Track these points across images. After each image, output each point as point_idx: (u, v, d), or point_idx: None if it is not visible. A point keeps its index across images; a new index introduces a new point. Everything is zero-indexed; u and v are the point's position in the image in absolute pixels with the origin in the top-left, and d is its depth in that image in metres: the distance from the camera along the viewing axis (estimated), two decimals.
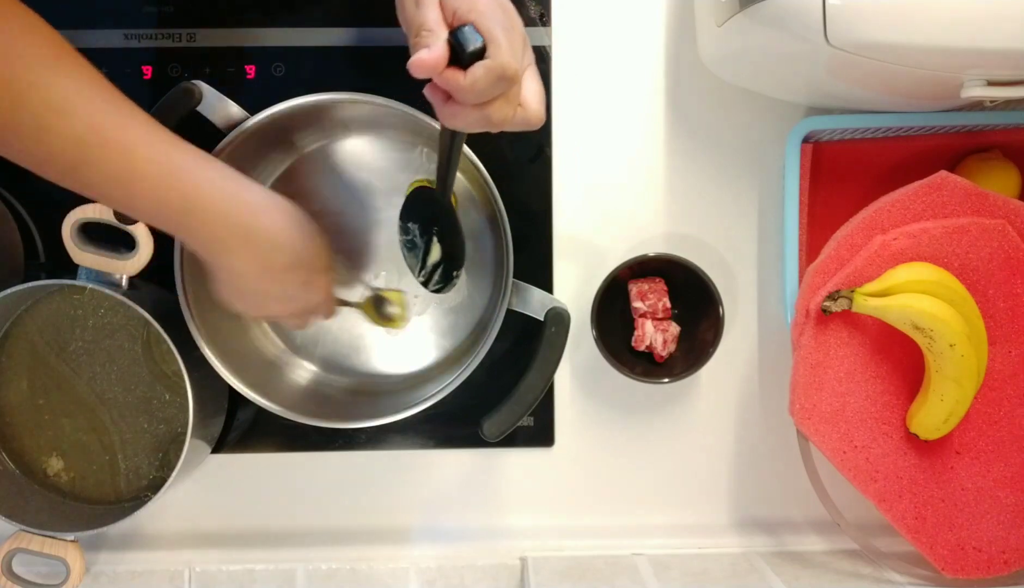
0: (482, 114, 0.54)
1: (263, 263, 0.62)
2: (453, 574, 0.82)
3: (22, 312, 0.77)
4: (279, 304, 0.66)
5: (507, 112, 0.55)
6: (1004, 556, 0.75)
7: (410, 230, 0.74)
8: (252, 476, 0.83)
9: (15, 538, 0.74)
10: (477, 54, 0.52)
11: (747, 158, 0.82)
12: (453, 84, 0.52)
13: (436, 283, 0.74)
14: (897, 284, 0.72)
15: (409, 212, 0.74)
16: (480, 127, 0.56)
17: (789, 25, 0.62)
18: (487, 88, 0.53)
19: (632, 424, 0.83)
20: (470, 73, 0.52)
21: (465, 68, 0.52)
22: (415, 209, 0.74)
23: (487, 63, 0.52)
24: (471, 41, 0.51)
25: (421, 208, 0.73)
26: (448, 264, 0.73)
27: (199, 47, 0.80)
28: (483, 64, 0.52)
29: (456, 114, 0.55)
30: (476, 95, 0.53)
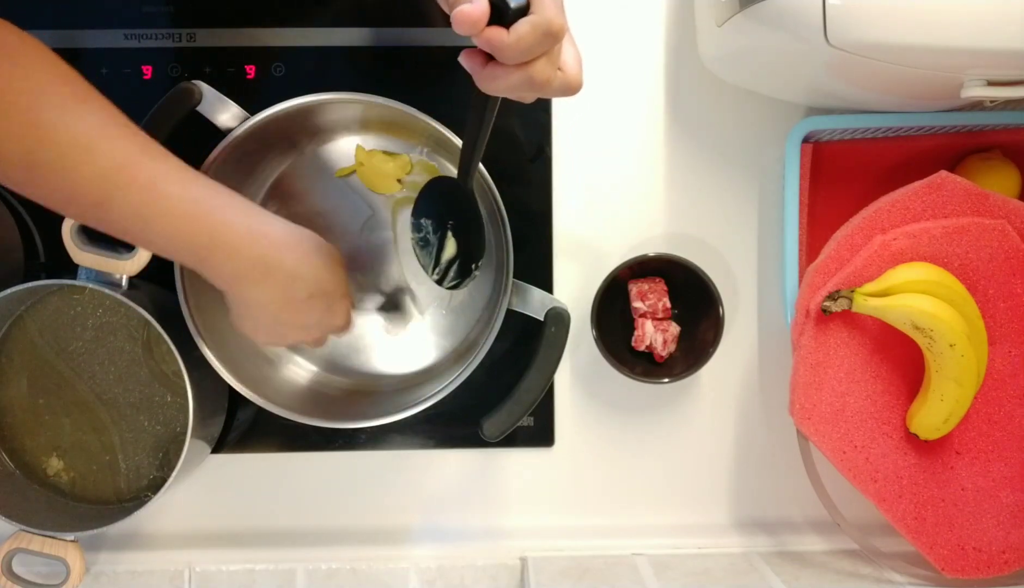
0: (525, 74, 0.52)
1: (285, 295, 0.63)
2: (453, 574, 0.82)
3: (22, 312, 0.77)
4: (299, 332, 0.67)
5: (550, 72, 0.53)
6: (1004, 556, 0.75)
7: (423, 227, 0.72)
8: (252, 476, 0.83)
9: (15, 538, 0.74)
10: (521, 11, 0.50)
11: (747, 158, 0.82)
12: (497, 42, 0.50)
13: (452, 279, 0.72)
14: (897, 284, 0.72)
15: (422, 208, 0.72)
16: (522, 90, 0.54)
17: (789, 25, 0.62)
18: (533, 45, 0.51)
19: (632, 424, 0.83)
20: (515, 29, 0.50)
21: (508, 26, 0.50)
22: (428, 204, 0.72)
23: (533, 18, 0.50)
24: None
25: (435, 202, 0.71)
26: (464, 258, 0.71)
27: (199, 47, 0.80)
28: (529, 19, 0.50)
29: (497, 76, 0.53)
30: (520, 53, 0.51)
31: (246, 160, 0.75)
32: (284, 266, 0.62)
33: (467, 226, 0.70)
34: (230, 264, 0.60)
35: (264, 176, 0.79)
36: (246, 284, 0.62)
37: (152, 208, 0.56)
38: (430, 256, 0.72)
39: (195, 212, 0.58)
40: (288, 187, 0.80)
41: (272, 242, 0.62)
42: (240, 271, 0.61)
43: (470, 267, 0.71)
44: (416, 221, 0.72)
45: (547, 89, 0.54)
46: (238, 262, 0.60)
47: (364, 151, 0.79)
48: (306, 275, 0.63)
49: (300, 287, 0.63)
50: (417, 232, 0.72)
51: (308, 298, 0.64)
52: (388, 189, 0.79)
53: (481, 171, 0.71)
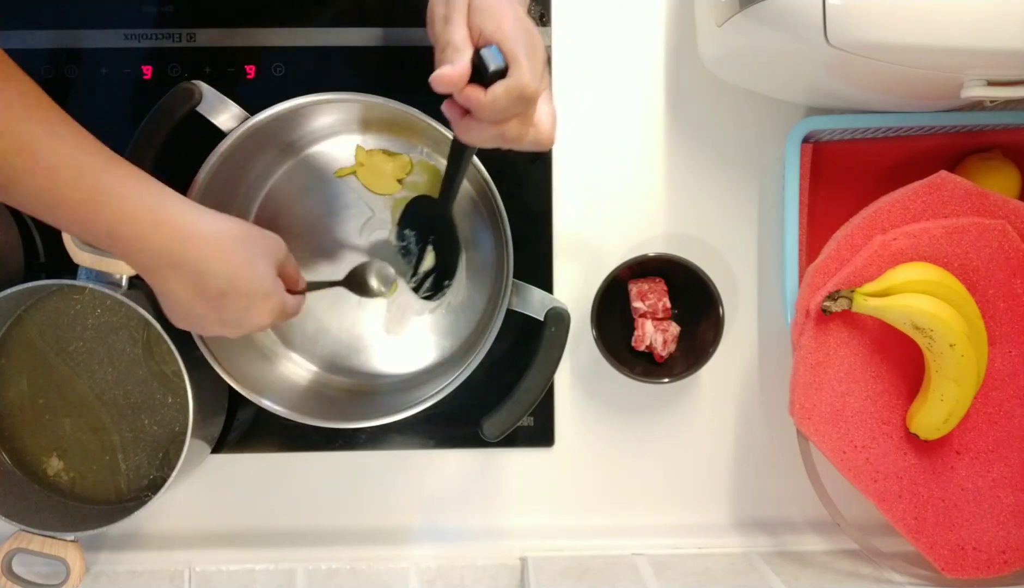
0: (497, 131, 0.56)
1: (195, 288, 0.60)
2: (453, 574, 0.82)
3: (22, 312, 0.77)
4: (220, 327, 0.64)
5: (521, 131, 0.57)
6: (1004, 556, 0.75)
7: (406, 237, 0.77)
8: (252, 476, 0.83)
9: (15, 538, 0.74)
10: (499, 73, 0.53)
11: (747, 158, 0.82)
12: (473, 101, 0.54)
13: (426, 290, 0.77)
14: (897, 284, 0.72)
15: (407, 219, 0.76)
16: (494, 143, 0.57)
17: (789, 25, 0.62)
18: (506, 107, 0.54)
19: (632, 424, 0.83)
20: (491, 91, 0.54)
21: (486, 86, 0.54)
22: (414, 217, 0.76)
23: (508, 83, 0.54)
24: (494, 61, 0.53)
25: (420, 216, 0.76)
26: (440, 274, 0.76)
27: (199, 47, 0.80)
28: (504, 83, 0.54)
29: (471, 129, 0.56)
30: (495, 114, 0.55)
31: (246, 160, 0.75)
32: (189, 261, 0.59)
33: (446, 245, 0.76)
34: (136, 257, 0.59)
35: (264, 176, 0.79)
36: (155, 276, 0.60)
37: (53, 194, 0.55)
38: (410, 265, 0.77)
39: (94, 201, 0.56)
40: (288, 187, 0.80)
41: (180, 235, 0.59)
42: (147, 263, 0.59)
43: (443, 283, 0.77)
44: (400, 231, 0.77)
45: (518, 145, 0.58)
46: (143, 256, 0.59)
47: (364, 151, 0.79)
48: (216, 272, 0.60)
49: (210, 284, 0.60)
50: (400, 241, 0.77)
51: (221, 295, 0.61)
52: (388, 189, 0.79)
53: (481, 171, 0.71)
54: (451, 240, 0.75)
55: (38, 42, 0.79)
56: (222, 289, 0.61)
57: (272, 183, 0.80)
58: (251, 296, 0.62)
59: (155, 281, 0.61)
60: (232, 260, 0.61)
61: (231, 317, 0.63)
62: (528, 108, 0.56)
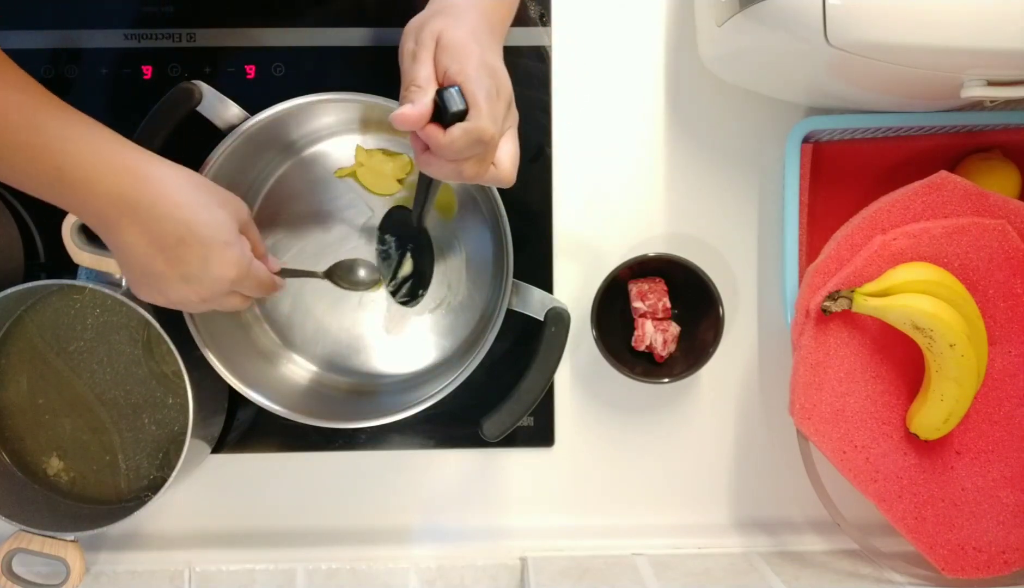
0: (455, 168, 0.57)
1: (151, 237, 0.58)
2: (453, 574, 0.82)
3: (22, 312, 0.77)
4: (183, 286, 0.60)
5: (479, 170, 0.58)
6: (1004, 556, 0.75)
7: (387, 241, 0.78)
8: (252, 476, 0.83)
9: (15, 538, 0.74)
10: (459, 115, 0.55)
11: (747, 158, 0.82)
12: (433, 140, 0.55)
13: (403, 296, 0.79)
14: (897, 284, 0.72)
15: (388, 225, 0.78)
16: (452, 179, 0.58)
17: (789, 25, 0.62)
18: (463, 148, 0.55)
19: (632, 424, 0.83)
20: (449, 133, 0.55)
21: (446, 127, 0.55)
22: (394, 224, 0.78)
23: (466, 126, 0.55)
24: (454, 103, 0.54)
25: (400, 224, 0.78)
26: (416, 281, 0.78)
27: (199, 47, 0.80)
28: (463, 126, 0.55)
29: (431, 164, 0.57)
30: (453, 153, 0.56)
31: (246, 160, 0.75)
32: (145, 203, 0.57)
33: (423, 255, 0.78)
34: (87, 203, 0.57)
35: (264, 176, 0.79)
36: (110, 226, 0.57)
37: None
38: (388, 269, 0.78)
39: (38, 143, 0.54)
40: (288, 187, 0.80)
41: (134, 177, 0.57)
42: (100, 210, 0.57)
43: (418, 291, 0.79)
44: (381, 235, 0.79)
45: (477, 181, 0.59)
46: (94, 201, 0.56)
47: (364, 151, 0.79)
48: (173, 215, 0.58)
49: (168, 229, 0.58)
50: (381, 245, 0.78)
51: (178, 243, 0.58)
52: (388, 190, 0.79)
53: None
54: (427, 251, 0.78)
55: (38, 42, 0.79)
56: (180, 235, 0.58)
57: (272, 183, 0.80)
58: (210, 243, 0.60)
59: (109, 233, 0.58)
60: (188, 203, 0.59)
61: (192, 270, 0.60)
62: (485, 150, 0.57)
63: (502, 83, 0.57)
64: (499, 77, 0.57)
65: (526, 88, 0.81)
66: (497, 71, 0.57)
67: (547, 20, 0.81)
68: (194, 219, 0.59)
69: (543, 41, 0.81)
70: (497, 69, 0.57)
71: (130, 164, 0.58)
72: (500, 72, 0.58)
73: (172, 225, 0.58)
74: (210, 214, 0.60)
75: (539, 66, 0.81)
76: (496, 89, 0.56)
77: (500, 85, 0.57)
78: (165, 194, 0.58)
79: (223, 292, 0.63)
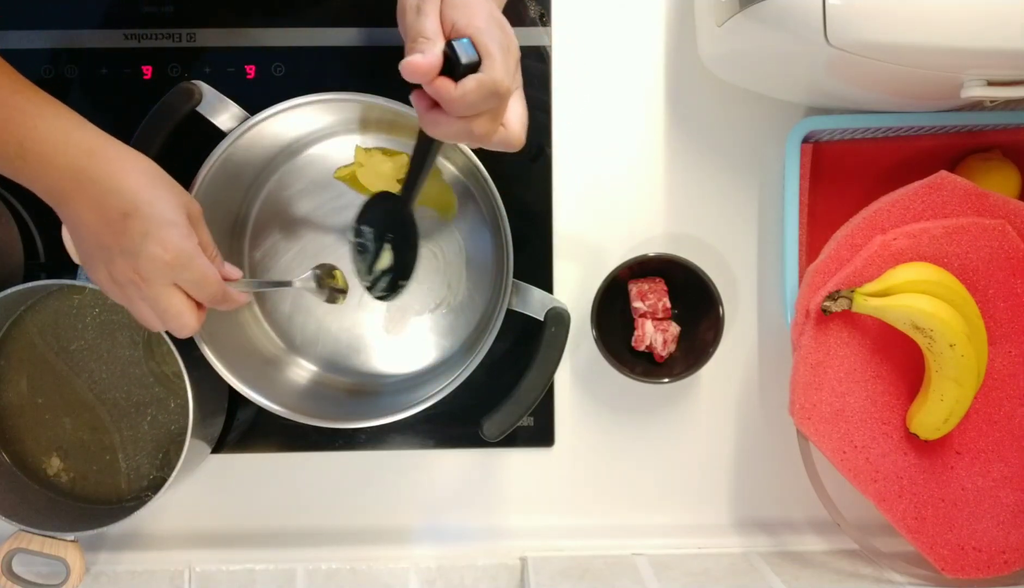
0: (465, 126, 0.55)
1: (99, 209, 0.59)
2: (453, 574, 0.82)
3: (22, 312, 0.77)
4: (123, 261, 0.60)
5: (490, 128, 0.56)
6: (1004, 556, 0.75)
7: (363, 233, 0.73)
8: (252, 476, 0.83)
9: (15, 538, 0.74)
10: (471, 67, 0.52)
11: (747, 158, 0.82)
12: (444, 93, 0.53)
13: (381, 290, 0.74)
14: (897, 284, 0.72)
15: (365, 217, 0.73)
16: (461, 139, 0.57)
17: (789, 25, 0.62)
18: (477, 102, 0.53)
19: (632, 424, 0.83)
20: (462, 85, 0.53)
21: (457, 80, 0.52)
22: (373, 214, 0.73)
23: (480, 77, 0.53)
24: (467, 53, 0.52)
25: (379, 214, 0.72)
26: (396, 273, 0.73)
27: (199, 47, 0.80)
28: (476, 77, 0.53)
29: (439, 123, 0.56)
30: (465, 108, 0.54)
31: (246, 160, 0.75)
32: (94, 177, 0.58)
33: (404, 243, 0.72)
34: (45, 177, 0.58)
35: (264, 176, 0.79)
36: (62, 199, 0.59)
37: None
38: (365, 263, 0.73)
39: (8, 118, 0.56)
40: (287, 187, 0.80)
41: (88, 152, 0.58)
42: (54, 184, 0.58)
43: (398, 283, 0.73)
44: (357, 227, 0.73)
45: (486, 142, 0.57)
46: (51, 174, 0.58)
47: (363, 151, 0.79)
48: (121, 189, 0.59)
49: (114, 203, 0.58)
50: (357, 237, 0.73)
51: (124, 217, 0.58)
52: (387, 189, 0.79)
53: (481, 171, 0.71)
54: (410, 239, 0.72)
55: (38, 42, 0.79)
56: (125, 209, 0.59)
57: (272, 183, 0.80)
58: (152, 220, 0.59)
59: (63, 206, 0.60)
60: (137, 181, 0.60)
61: (132, 244, 0.59)
62: (499, 105, 0.55)
63: (511, 38, 0.56)
64: (508, 31, 0.56)
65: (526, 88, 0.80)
66: (505, 26, 0.56)
67: (547, 20, 0.81)
68: (141, 194, 0.59)
69: (543, 41, 0.81)
70: (505, 24, 0.56)
71: (89, 142, 0.59)
72: (508, 28, 0.56)
73: (119, 199, 0.59)
74: (155, 193, 0.60)
75: (539, 66, 0.81)
76: (507, 42, 0.55)
77: (510, 39, 0.56)
78: (117, 171, 0.59)
79: (161, 277, 0.60)
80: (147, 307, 0.62)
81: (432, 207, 0.79)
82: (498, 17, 0.56)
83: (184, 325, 0.62)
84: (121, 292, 0.62)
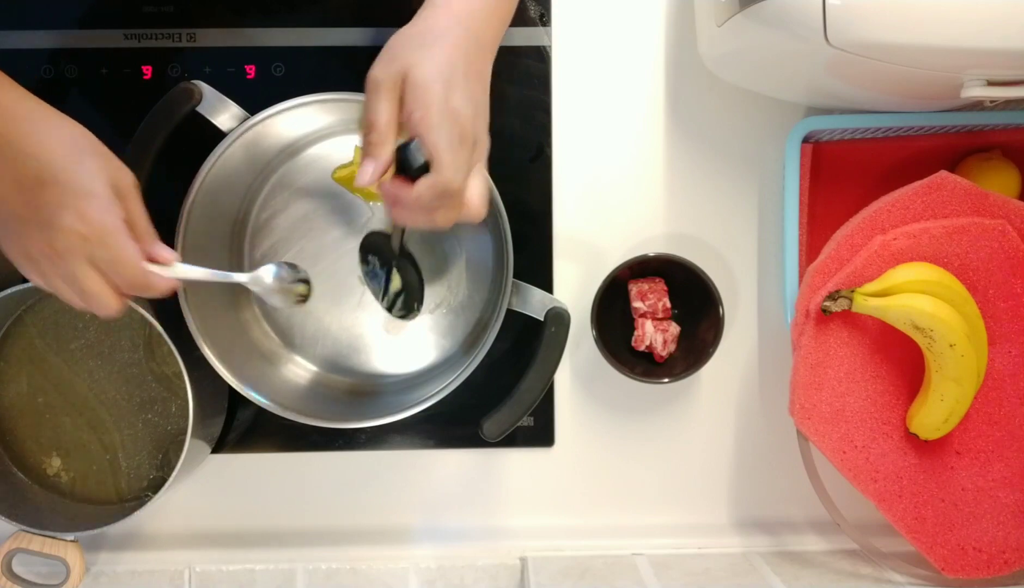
0: (428, 218, 0.58)
1: (15, 175, 0.56)
2: (453, 574, 0.82)
3: (22, 312, 0.77)
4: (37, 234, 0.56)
5: (451, 216, 0.59)
6: (1004, 556, 0.75)
7: (370, 261, 0.75)
8: (252, 476, 0.83)
9: (15, 538, 0.74)
10: (423, 169, 0.55)
11: (747, 158, 0.82)
12: (400, 196, 0.56)
13: (400, 310, 0.76)
14: (897, 284, 0.72)
15: (368, 246, 0.75)
16: (425, 227, 0.59)
17: (789, 25, 0.62)
18: (431, 201, 0.56)
19: (632, 424, 0.83)
20: (416, 188, 0.56)
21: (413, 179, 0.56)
22: (374, 244, 0.75)
23: (430, 181, 0.56)
24: (415, 160, 0.56)
25: (379, 242, 0.74)
26: (408, 294, 0.76)
27: (199, 47, 0.80)
28: (426, 182, 0.56)
29: (404, 217, 0.59)
30: (422, 208, 0.57)
31: (245, 160, 0.75)
32: (11, 139, 0.56)
33: (407, 272, 0.75)
34: None
35: (264, 176, 0.79)
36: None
37: None
38: (379, 286, 0.75)
39: None
40: (287, 187, 0.80)
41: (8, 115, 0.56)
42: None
43: (413, 304, 0.76)
44: (363, 255, 0.76)
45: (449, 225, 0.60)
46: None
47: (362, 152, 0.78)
48: (39, 155, 0.56)
49: (30, 170, 0.56)
50: (365, 264, 0.76)
51: (39, 184, 0.56)
52: None
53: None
54: (414, 270, 0.75)
55: (38, 42, 0.79)
56: (40, 176, 0.56)
57: (272, 183, 0.80)
58: (68, 189, 0.56)
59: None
60: (58, 148, 0.57)
61: (46, 216, 0.56)
62: (454, 200, 0.57)
63: (465, 127, 0.57)
64: (462, 121, 0.56)
65: (526, 88, 0.81)
66: (460, 114, 0.56)
67: (547, 20, 0.81)
68: (57, 162, 0.56)
69: (543, 41, 0.81)
70: (460, 112, 0.56)
71: (11, 105, 0.57)
72: (463, 114, 0.56)
73: (35, 165, 0.56)
74: (77, 161, 0.57)
75: (539, 66, 0.81)
76: (459, 135, 0.56)
77: (463, 130, 0.56)
78: (37, 135, 0.57)
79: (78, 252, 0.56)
80: (64, 285, 0.58)
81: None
82: (453, 107, 0.56)
83: (104, 305, 0.58)
84: (36, 269, 0.58)
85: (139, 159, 0.69)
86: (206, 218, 0.74)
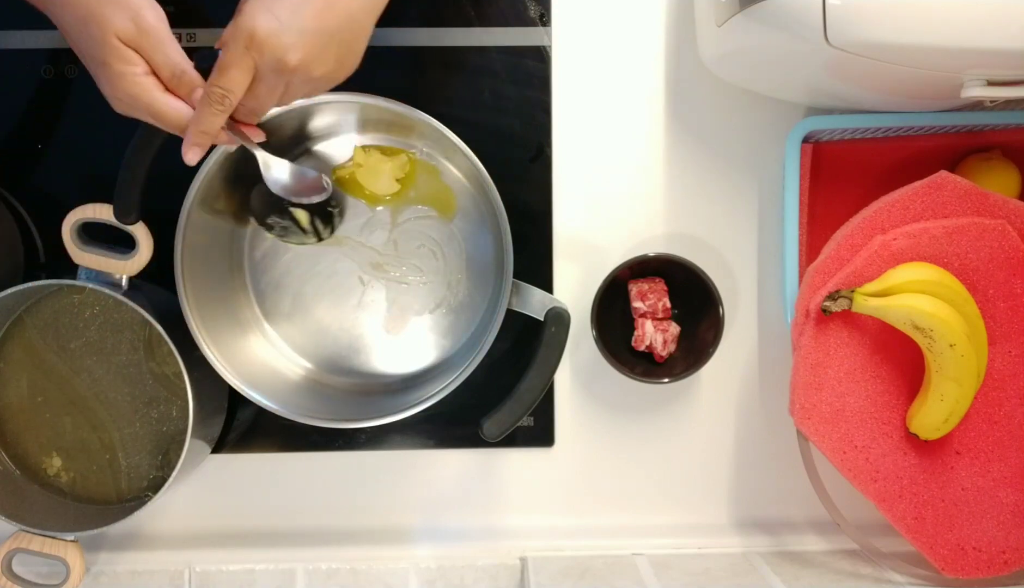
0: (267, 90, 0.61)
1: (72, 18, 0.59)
2: (453, 574, 0.82)
3: (22, 312, 0.77)
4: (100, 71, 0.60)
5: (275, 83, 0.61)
6: (1004, 556, 0.75)
7: (271, 221, 0.76)
8: (252, 476, 0.83)
9: (15, 538, 0.74)
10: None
11: (747, 158, 0.82)
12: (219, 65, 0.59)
13: (326, 230, 0.77)
14: (897, 284, 0.72)
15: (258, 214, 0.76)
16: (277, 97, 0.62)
17: (789, 25, 0.62)
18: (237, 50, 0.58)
19: (632, 424, 0.83)
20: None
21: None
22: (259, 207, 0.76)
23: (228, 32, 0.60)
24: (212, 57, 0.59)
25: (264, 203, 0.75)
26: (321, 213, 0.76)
27: (199, 47, 0.80)
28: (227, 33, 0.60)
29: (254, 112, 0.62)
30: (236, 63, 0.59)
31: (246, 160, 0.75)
32: None
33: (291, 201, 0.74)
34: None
35: None
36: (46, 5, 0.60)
37: None
38: (298, 233, 0.76)
39: None
40: None
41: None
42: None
43: (331, 216, 0.77)
44: (263, 223, 0.77)
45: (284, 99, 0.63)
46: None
47: (362, 151, 0.79)
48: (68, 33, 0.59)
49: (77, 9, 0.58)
50: (270, 231, 0.77)
51: (83, 23, 0.58)
52: (386, 189, 0.79)
53: (481, 171, 0.71)
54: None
55: (38, 42, 0.79)
56: (83, 16, 0.58)
57: None
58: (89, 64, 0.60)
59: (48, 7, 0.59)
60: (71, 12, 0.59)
61: (98, 54, 0.59)
62: (249, 46, 0.58)
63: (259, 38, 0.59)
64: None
65: (526, 88, 0.81)
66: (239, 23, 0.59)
67: (547, 20, 0.81)
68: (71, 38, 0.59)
69: (543, 41, 0.81)
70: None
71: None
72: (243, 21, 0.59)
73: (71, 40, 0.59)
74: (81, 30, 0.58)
75: (539, 66, 0.81)
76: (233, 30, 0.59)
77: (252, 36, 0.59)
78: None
79: (131, 108, 0.61)
80: (150, 117, 0.61)
81: (432, 207, 0.79)
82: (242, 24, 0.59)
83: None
84: (120, 104, 0.61)
85: (139, 159, 0.69)
86: (206, 218, 0.74)
